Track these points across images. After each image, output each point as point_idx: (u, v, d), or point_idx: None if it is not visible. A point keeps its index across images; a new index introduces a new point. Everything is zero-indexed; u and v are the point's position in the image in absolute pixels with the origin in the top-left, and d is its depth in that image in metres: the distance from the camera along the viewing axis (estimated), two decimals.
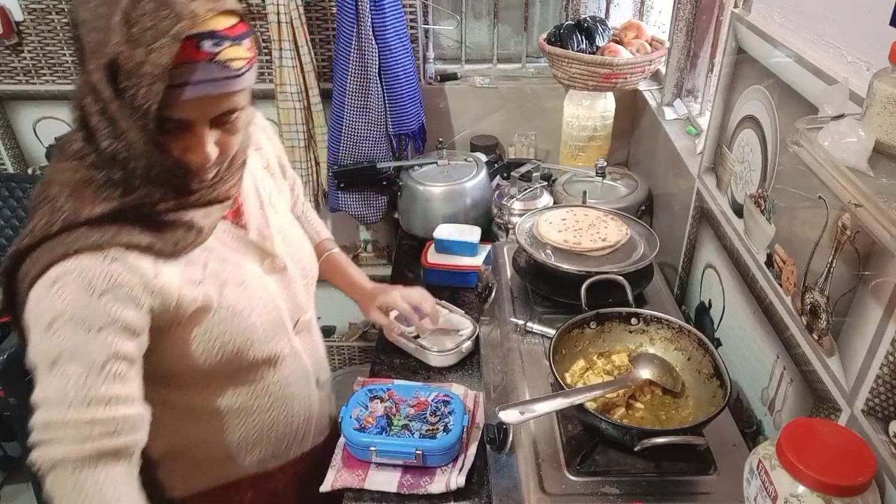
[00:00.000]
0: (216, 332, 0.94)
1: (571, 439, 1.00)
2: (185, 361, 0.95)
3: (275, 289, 1.04)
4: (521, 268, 1.37)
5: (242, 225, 1.02)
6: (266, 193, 1.08)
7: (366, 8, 1.74)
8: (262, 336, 1.00)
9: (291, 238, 1.11)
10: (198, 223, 0.91)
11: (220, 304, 0.94)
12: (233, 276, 0.97)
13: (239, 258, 0.99)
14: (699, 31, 1.67)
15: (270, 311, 1.02)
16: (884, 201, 0.62)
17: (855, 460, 0.73)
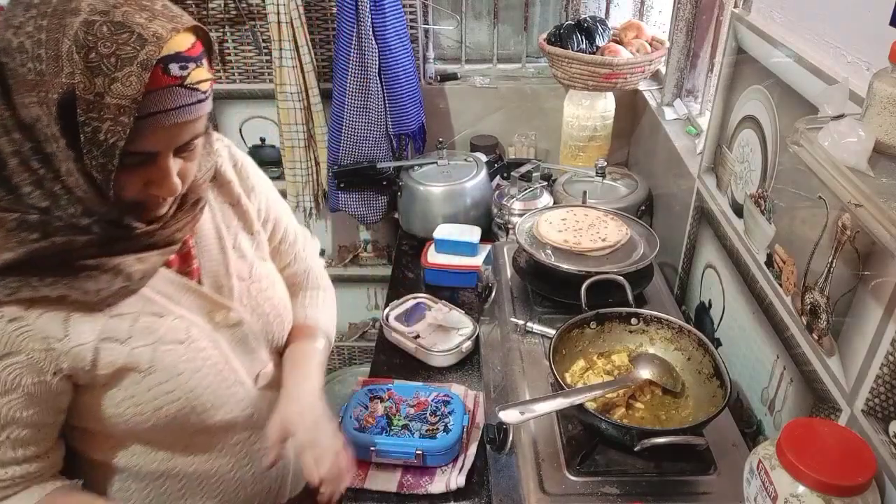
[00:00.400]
0: (146, 396, 0.84)
1: (571, 439, 1.00)
2: (119, 424, 0.86)
3: (227, 346, 0.92)
4: (521, 268, 1.37)
5: (190, 273, 0.91)
6: (230, 235, 0.96)
7: (366, 8, 1.74)
8: (210, 400, 0.90)
9: (259, 286, 0.98)
10: (127, 269, 0.80)
11: (152, 365, 0.84)
12: (170, 334, 0.86)
13: (181, 311, 0.87)
14: (699, 31, 1.67)
15: (221, 371, 0.91)
16: (884, 201, 0.62)
17: (855, 460, 0.73)
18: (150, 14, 0.71)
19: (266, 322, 0.99)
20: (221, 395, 0.91)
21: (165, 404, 0.86)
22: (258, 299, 0.97)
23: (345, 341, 2.59)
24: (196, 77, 0.74)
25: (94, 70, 0.67)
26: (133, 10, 0.70)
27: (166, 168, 0.77)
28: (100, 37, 0.68)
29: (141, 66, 0.68)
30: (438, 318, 1.46)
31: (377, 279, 2.42)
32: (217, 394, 0.91)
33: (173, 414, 0.87)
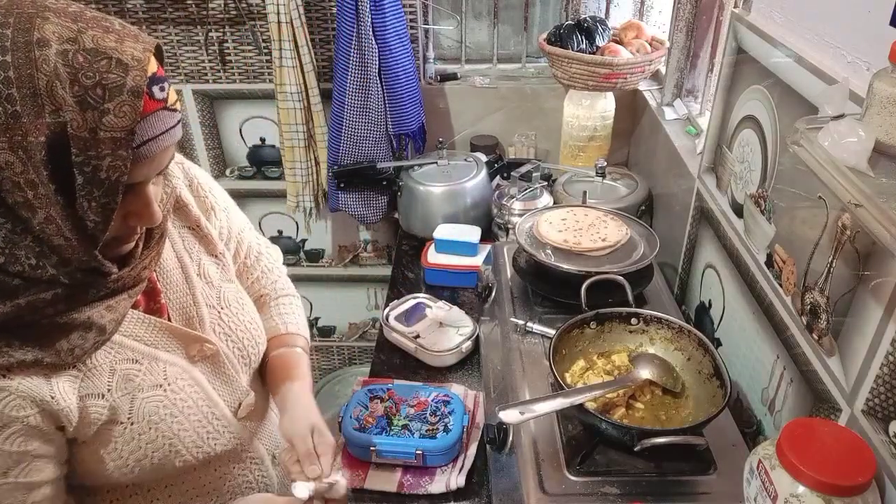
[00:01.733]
0: (129, 448, 0.81)
1: (571, 439, 1.00)
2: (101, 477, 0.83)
3: (205, 379, 0.89)
4: (521, 268, 1.37)
5: (159, 310, 0.86)
6: (193, 262, 0.92)
7: (366, 8, 1.74)
8: (192, 441, 0.87)
9: (229, 312, 0.94)
10: (98, 322, 0.75)
11: (132, 415, 0.80)
12: (147, 379, 0.82)
13: (155, 353, 0.83)
14: (699, 31, 1.67)
15: (201, 408, 0.88)
16: (884, 201, 0.62)
17: (855, 460, 0.73)
18: (118, 36, 0.66)
19: (241, 347, 0.95)
20: (203, 433, 0.88)
21: (149, 453, 0.83)
22: (230, 325, 0.94)
23: (345, 341, 2.59)
24: (172, 97, 0.71)
25: (82, 104, 0.62)
26: (99, 32, 0.65)
27: (148, 197, 0.72)
28: (78, 67, 0.62)
29: (132, 94, 0.64)
30: (440, 316, 1.46)
31: (377, 279, 2.43)
32: (199, 433, 0.88)
33: (156, 462, 0.84)
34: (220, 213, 0.99)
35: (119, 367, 0.80)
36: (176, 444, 0.84)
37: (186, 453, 0.86)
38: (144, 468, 0.83)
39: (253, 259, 1.08)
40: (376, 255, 2.39)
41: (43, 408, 0.73)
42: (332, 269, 2.42)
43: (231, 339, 0.94)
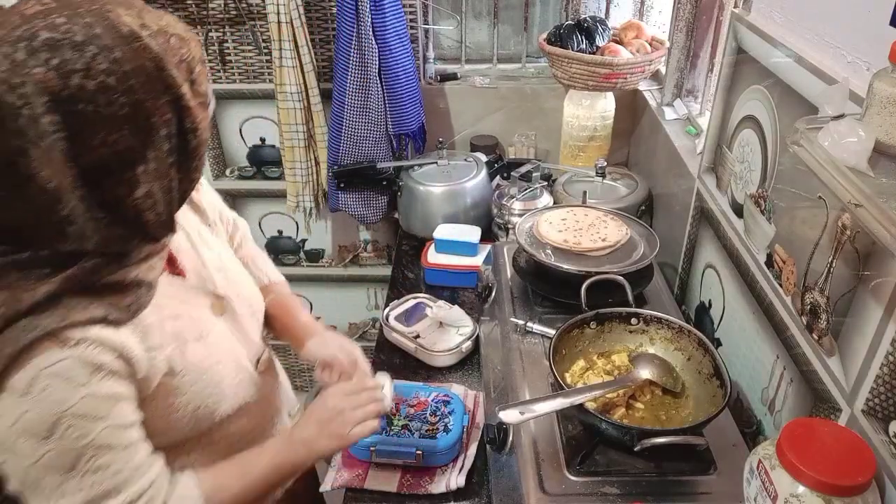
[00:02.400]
0: (186, 399, 0.87)
1: (571, 439, 1.00)
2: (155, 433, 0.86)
3: (228, 333, 0.96)
4: (521, 268, 1.37)
5: (179, 272, 0.93)
6: (194, 231, 0.99)
7: (366, 8, 1.74)
8: (229, 390, 0.93)
9: (231, 274, 1.02)
10: (145, 279, 0.81)
11: (184, 367, 0.86)
12: (190, 332, 0.88)
13: (189, 309, 0.90)
14: (699, 31, 1.67)
15: (233, 358, 0.95)
16: (884, 201, 0.62)
17: (855, 460, 0.73)
18: (156, 15, 0.74)
19: (249, 304, 1.03)
20: (235, 382, 0.95)
21: (200, 403, 0.89)
22: (236, 285, 1.01)
23: None
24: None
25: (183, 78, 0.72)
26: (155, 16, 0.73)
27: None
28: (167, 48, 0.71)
29: (202, 62, 0.75)
30: (440, 315, 1.46)
31: (377, 279, 2.43)
32: (234, 382, 0.95)
33: (206, 411, 0.90)
34: (205, 188, 1.07)
35: (166, 324, 0.85)
36: (219, 393, 0.91)
37: (225, 403, 0.93)
38: (199, 417, 0.89)
39: (232, 228, 1.17)
40: (376, 255, 2.39)
41: (120, 353, 0.77)
42: (332, 269, 2.42)
43: (239, 297, 1.01)
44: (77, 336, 0.74)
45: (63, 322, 0.72)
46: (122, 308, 0.78)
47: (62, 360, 0.72)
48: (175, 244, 0.93)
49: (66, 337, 0.73)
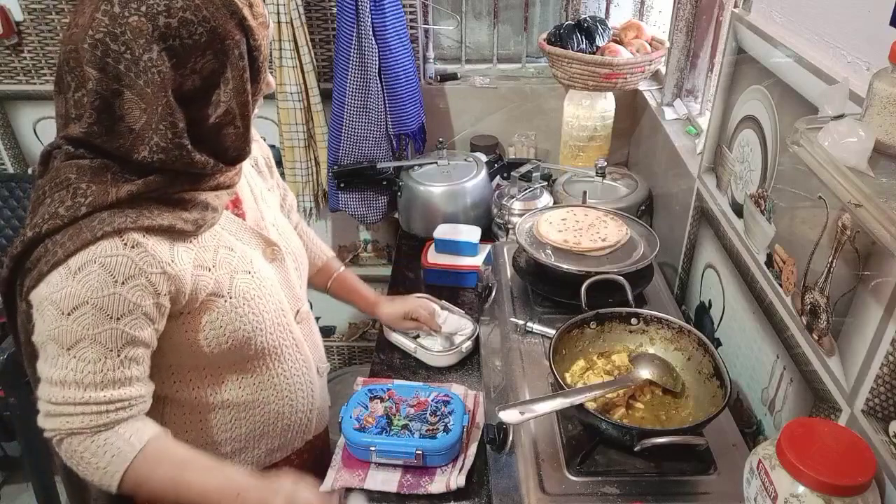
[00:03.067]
0: (227, 319, 0.96)
1: (571, 439, 1.00)
2: (194, 350, 0.96)
3: (275, 278, 1.05)
4: (521, 268, 1.37)
5: (241, 216, 1.04)
6: (258, 189, 1.10)
7: (366, 8, 1.74)
8: (269, 324, 1.02)
9: (283, 230, 1.13)
10: (212, 203, 0.93)
11: (230, 291, 0.96)
12: (241, 264, 0.98)
13: (243, 246, 1.01)
14: (699, 31, 1.67)
15: (276, 299, 1.04)
16: (884, 201, 0.62)
17: (855, 460, 0.73)
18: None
19: (295, 259, 1.13)
20: (276, 322, 1.04)
21: (240, 327, 0.97)
22: (287, 242, 1.12)
23: (345, 341, 2.59)
24: None
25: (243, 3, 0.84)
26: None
27: None
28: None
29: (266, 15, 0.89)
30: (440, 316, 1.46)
31: (377, 279, 2.42)
32: (274, 320, 1.03)
33: (242, 337, 0.98)
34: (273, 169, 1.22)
35: (220, 251, 0.96)
36: (259, 323, 1.00)
37: (262, 336, 1.01)
38: (234, 342, 0.98)
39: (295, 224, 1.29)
40: (376, 255, 2.39)
41: (164, 270, 0.87)
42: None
43: (288, 251, 1.10)
44: (136, 239, 0.85)
45: (133, 224, 0.84)
46: (188, 221, 0.90)
47: (116, 255, 0.83)
48: (242, 193, 1.05)
49: (129, 238, 0.84)
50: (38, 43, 2.06)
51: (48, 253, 0.84)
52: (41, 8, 2.01)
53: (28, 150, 2.27)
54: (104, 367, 0.86)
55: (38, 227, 0.84)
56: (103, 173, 0.85)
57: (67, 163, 0.85)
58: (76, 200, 0.83)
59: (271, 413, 1.09)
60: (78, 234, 0.82)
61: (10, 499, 2.28)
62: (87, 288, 0.82)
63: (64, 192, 0.84)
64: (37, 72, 2.11)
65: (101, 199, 0.83)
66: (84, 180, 0.84)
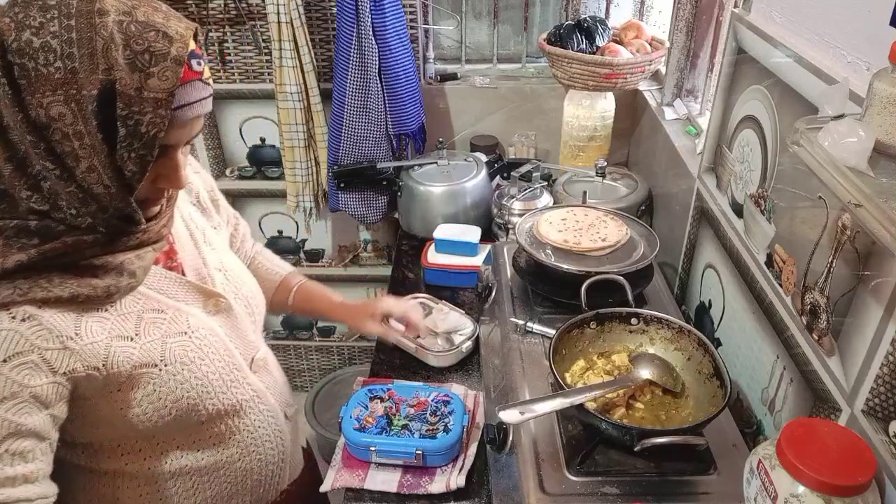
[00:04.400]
0: (165, 389, 0.87)
1: (571, 439, 1.00)
2: (135, 424, 0.87)
3: (222, 332, 0.96)
4: (521, 268, 1.37)
5: (176, 267, 0.95)
6: (199, 231, 1.01)
7: (366, 8, 1.74)
8: (218, 385, 0.93)
9: (232, 274, 1.03)
10: (129, 267, 0.82)
11: (164, 358, 0.86)
12: (174, 326, 0.89)
13: (177, 304, 0.91)
14: (699, 31, 1.67)
15: (223, 356, 0.95)
16: (884, 201, 0.62)
17: (855, 460, 0.73)
18: (164, 14, 0.76)
19: (247, 304, 1.04)
20: (226, 379, 0.95)
21: (182, 395, 0.89)
22: (236, 286, 1.02)
23: (345, 341, 2.59)
24: (207, 73, 0.80)
25: (132, 66, 0.72)
26: (149, 10, 0.75)
27: (178, 162, 0.82)
28: (131, 35, 0.72)
29: (175, 62, 0.74)
30: (438, 324, 1.46)
31: (377, 279, 2.43)
32: (223, 378, 0.94)
33: (186, 405, 0.90)
34: (220, 201, 1.13)
35: (146, 315, 0.86)
36: (204, 387, 0.91)
37: (213, 399, 0.92)
38: (179, 411, 0.89)
39: (234, 229, 1.21)
40: (376, 255, 2.39)
41: (65, 345, 0.77)
42: (332, 270, 2.42)
43: (238, 297, 1.02)
44: (29, 312, 0.75)
45: (21, 296, 0.74)
46: (99, 289, 0.79)
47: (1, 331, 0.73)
48: (178, 241, 0.96)
49: (18, 311, 0.75)
50: None
51: None
52: None
53: None
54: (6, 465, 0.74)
55: None
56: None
57: None
58: None
59: (238, 472, 1.01)
60: None
61: None
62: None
63: None
64: None
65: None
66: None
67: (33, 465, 0.77)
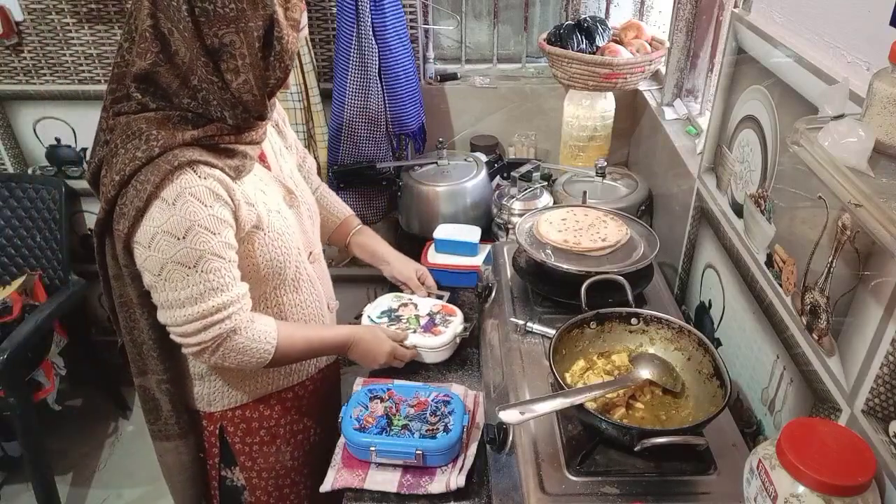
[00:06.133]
0: (264, 250, 1.12)
1: (571, 439, 1.00)
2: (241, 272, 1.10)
3: (294, 221, 1.21)
4: (521, 268, 1.37)
5: (267, 166, 1.21)
6: (276, 146, 1.26)
7: (366, 8, 1.74)
8: (293, 259, 1.18)
9: (299, 184, 1.29)
10: (249, 153, 1.10)
11: (268, 226, 1.12)
12: (272, 204, 1.15)
13: (272, 190, 1.18)
14: (699, 31, 1.67)
15: (297, 237, 1.21)
16: (884, 201, 0.62)
17: (855, 460, 0.73)
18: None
19: (308, 208, 1.30)
20: (296, 258, 1.20)
21: (274, 257, 1.15)
22: (302, 193, 1.28)
23: None
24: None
25: (280, 2, 1.00)
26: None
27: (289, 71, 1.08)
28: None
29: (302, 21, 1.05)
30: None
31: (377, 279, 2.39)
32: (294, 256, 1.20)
33: (277, 266, 1.16)
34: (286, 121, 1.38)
35: (257, 192, 1.13)
36: (287, 256, 1.17)
37: (290, 268, 1.19)
38: (270, 270, 1.15)
39: (314, 187, 1.47)
40: None
41: (231, 196, 1.05)
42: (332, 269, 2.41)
43: (303, 202, 1.28)
44: (207, 172, 1.02)
45: (200, 158, 1.01)
46: (232, 168, 1.06)
47: (198, 185, 1.00)
48: (265, 148, 1.21)
49: (201, 170, 1.01)
50: (38, 43, 2.06)
51: (136, 190, 0.98)
52: (41, 8, 2.01)
53: (28, 150, 2.27)
54: (226, 271, 1.05)
55: (122, 171, 0.99)
56: (167, 123, 1.01)
57: (135, 116, 1.01)
58: (150, 144, 0.98)
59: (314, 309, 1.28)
60: (157, 168, 0.98)
61: (10, 499, 2.28)
62: (189, 213, 0.99)
63: (137, 140, 0.99)
64: (37, 72, 2.11)
65: (171, 141, 0.99)
66: (153, 128, 0.99)
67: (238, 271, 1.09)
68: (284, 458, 1.35)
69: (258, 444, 1.31)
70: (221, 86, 1.00)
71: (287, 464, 1.36)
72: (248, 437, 1.29)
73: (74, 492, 2.31)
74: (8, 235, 2.25)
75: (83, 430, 2.54)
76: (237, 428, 1.28)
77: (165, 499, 2.21)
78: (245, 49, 0.98)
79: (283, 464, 1.35)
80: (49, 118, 2.21)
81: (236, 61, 0.99)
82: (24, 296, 2.14)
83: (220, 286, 1.04)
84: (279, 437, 1.33)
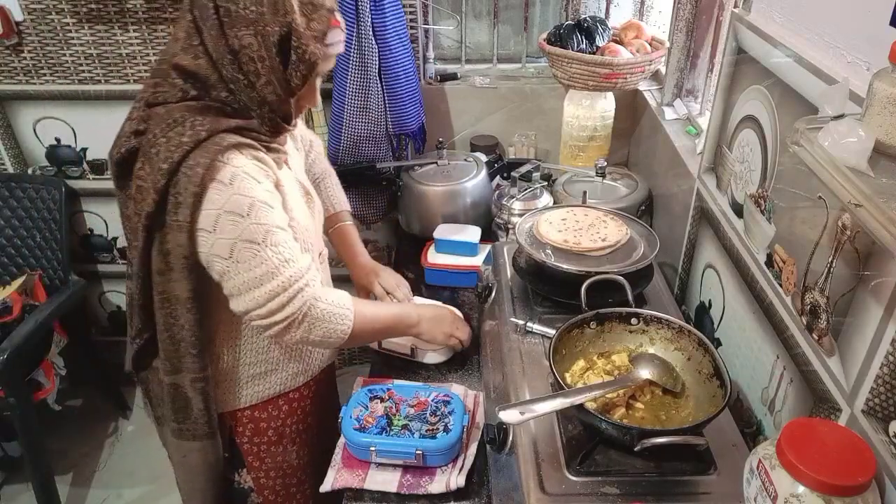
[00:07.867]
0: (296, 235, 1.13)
1: (571, 439, 1.00)
2: None
3: (310, 221, 1.24)
4: (521, 268, 1.37)
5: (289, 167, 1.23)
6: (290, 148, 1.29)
7: (366, 8, 1.74)
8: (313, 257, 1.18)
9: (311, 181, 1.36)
10: (282, 149, 1.16)
11: (294, 218, 1.14)
12: (295, 202, 1.18)
13: (293, 190, 1.20)
14: (699, 31, 1.67)
15: (313, 237, 1.23)
16: (884, 201, 0.62)
17: (855, 460, 0.73)
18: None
19: (319, 213, 1.33)
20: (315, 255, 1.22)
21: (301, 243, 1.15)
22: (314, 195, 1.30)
23: None
24: (343, 24, 1.10)
25: (301, 12, 1.02)
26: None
27: (316, 87, 1.16)
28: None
29: (328, 11, 1.06)
30: None
31: None
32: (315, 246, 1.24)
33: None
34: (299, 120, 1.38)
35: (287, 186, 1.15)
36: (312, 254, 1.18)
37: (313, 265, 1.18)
38: None
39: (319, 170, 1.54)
40: (376, 255, 2.38)
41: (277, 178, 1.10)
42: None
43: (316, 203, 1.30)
44: (253, 154, 1.07)
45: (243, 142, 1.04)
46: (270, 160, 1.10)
47: (248, 164, 1.04)
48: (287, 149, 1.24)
49: (247, 153, 1.05)
50: (38, 43, 2.06)
51: (188, 176, 0.99)
52: (41, 8, 2.01)
53: (28, 150, 2.27)
54: (291, 242, 1.08)
55: (170, 158, 0.99)
56: (208, 111, 1.03)
57: (175, 105, 1.03)
58: (195, 129, 1.00)
59: None
60: (205, 151, 1.00)
61: (9, 499, 2.28)
62: (247, 190, 1.02)
63: (180, 127, 1.01)
64: (37, 72, 2.11)
65: (216, 126, 1.02)
66: (196, 115, 1.02)
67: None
68: (291, 458, 1.36)
69: (266, 443, 1.32)
70: (247, 84, 1.03)
71: (294, 462, 1.37)
72: (256, 437, 1.30)
73: (74, 492, 2.31)
74: (8, 235, 2.25)
75: (83, 430, 2.54)
76: (245, 428, 1.29)
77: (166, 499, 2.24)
78: (263, 52, 1.00)
79: (290, 463, 1.36)
80: (49, 118, 2.21)
81: (255, 64, 1.01)
82: (24, 296, 2.14)
83: (291, 257, 1.07)
84: (286, 436, 1.34)
